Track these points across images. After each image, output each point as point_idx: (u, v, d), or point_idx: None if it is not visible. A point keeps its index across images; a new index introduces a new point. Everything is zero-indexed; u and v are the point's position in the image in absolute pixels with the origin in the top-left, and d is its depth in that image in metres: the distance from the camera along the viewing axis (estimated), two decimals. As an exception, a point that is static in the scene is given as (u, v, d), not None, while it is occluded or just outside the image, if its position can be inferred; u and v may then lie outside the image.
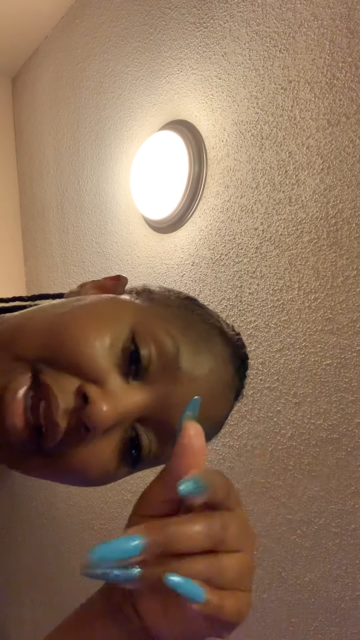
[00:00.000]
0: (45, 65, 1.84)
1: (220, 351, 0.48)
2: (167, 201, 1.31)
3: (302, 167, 1.06)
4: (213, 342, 0.48)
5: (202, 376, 0.45)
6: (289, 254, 1.08)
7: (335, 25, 1.00)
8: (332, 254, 1.01)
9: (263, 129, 1.13)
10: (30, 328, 0.43)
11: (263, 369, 1.12)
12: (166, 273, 1.37)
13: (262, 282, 1.14)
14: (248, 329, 1.15)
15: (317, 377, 1.03)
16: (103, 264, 1.59)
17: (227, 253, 1.21)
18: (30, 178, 1.93)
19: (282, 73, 1.09)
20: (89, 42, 1.64)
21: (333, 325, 1.01)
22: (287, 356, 1.09)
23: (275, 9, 1.10)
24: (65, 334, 0.41)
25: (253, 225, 1.15)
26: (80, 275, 1.68)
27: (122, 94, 1.52)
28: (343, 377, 0.99)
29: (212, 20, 1.24)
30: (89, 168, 1.65)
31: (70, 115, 1.72)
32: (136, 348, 0.42)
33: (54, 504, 1.77)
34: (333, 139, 1.01)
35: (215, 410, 0.47)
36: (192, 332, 0.46)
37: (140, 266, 1.45)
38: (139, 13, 1.45)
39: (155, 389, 0.43)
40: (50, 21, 1.77)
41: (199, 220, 1.28)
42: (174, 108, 1.35)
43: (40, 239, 1.88)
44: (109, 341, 0.42)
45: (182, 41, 1.32)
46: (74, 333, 0.41)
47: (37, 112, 1.89)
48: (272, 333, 1.11)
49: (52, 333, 0.42)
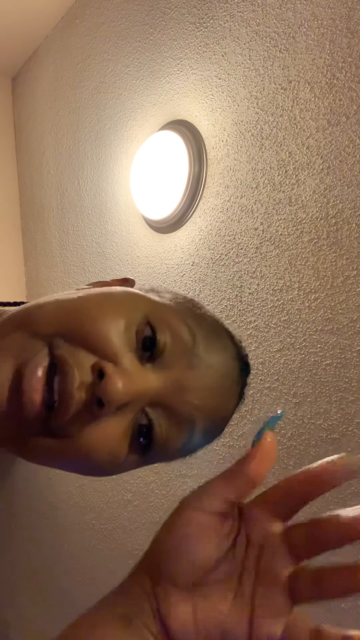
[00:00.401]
0: (45, 65, 1.84)
1: (230, 348, 0.48)
2: (167, 201, 1.31)
3: (302, 167, 1.06)
4: (223, 338, 0.49)
5: (216, 366, 0.45)
6: (289, 254, 1.08)
7: (335, 25, 1.00)
8: (332, 254, 1.01)
9: (263, 129, 1.13)
10: (45, 308, 0.43)
11: (263, 369, 1.12)
12: (166, 273, 1.37)
13: (262, 282, 1.14)
14: (248, 329, 1.15)
15: (317, 377, 1.03)
16: (103, 264, 1.59)
17: (227, 253, 1.21)
18: (30, 178, 1.93)
19: (282, 73, 1.09)
20: (89, 42, 1.64)
21: (333, 325, 1.01)
22: (287, 356, 1.09)
23: (275, 9, 1.10)
24: (83, 313, 0.42)
25: (253, 225, 1.15)
26: (80, 275, 1.68)
27: (122, 94, 1.52)
28: (343, 377, 0.99)
29: (212, 20, 1.24)
30: (89, 168, 1.65)
31: (70, 115, 1.72)
32: (153, 332, 0.43)
33: (54, 504, 1.77)
34: (333, 139, 1.01)
35: (224, 403, 0.47)
36: (205, 324, 0.47)
37: (140, 266, 1.45)
38: (139, 13, 1.45)
39: (171, 373, 0.43)
40: (50, 21, 1.77)
41: (199, 220, 1.28)
42: (174, 108, 1.35)
43: (40, 239, 1.88)
44: (124, 324, 0.42)
45: (182, 41, 1.32)
46: (92, 312, 0.42)
47: (37, 112, 1.89)
48: (272, 333, 1.11)
49: (70, 311, 0.42)
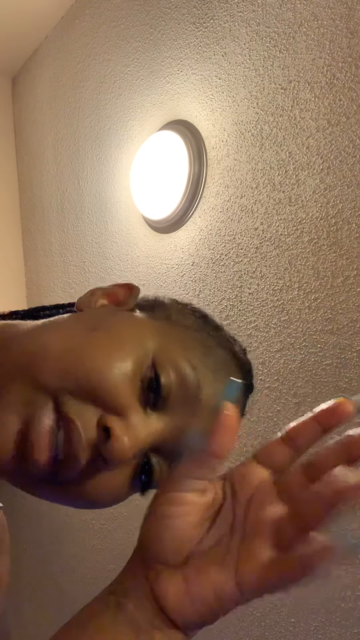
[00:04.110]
0: (45, 65, 1.84)
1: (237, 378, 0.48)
2: (167, 201, 1.31)
3: (302, 167, 1.06)
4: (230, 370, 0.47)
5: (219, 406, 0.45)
6: (289, 254, 1.08)
7: (335, 25, 1.00)
8: (332, 254, 1.01)
9: (263, 129, 1.13)
10: (50, 355, 0.41)
11: (263, 369, 1.12)
12: (166, 273, 1.37)
13: (262, 282, 1.14)
14: (248, 329, 1.15)
15: (317, 377, 1.03)
16: (103, 264, 1.59)
17: (227, 253, 1.21)
18: (30, 178, 1.93)
19: (282, 73, 1.09)
20: (89, 42, 1.64)
21: (333, 325, 1.01)
22: (287, 356, 1.09)
23: (275, 9, 1.10)
24: (89, 365, 0.40)
25: (253, 225, 1.15)
26: (80, 275, 1.68)
27: (122, 94, 1.52)
28: (343, 377, 0.99)
29: (212, 20, 1.24)
30: (89, 168, 1.65)
31: (70, 115, 1.72)
32: (157, 377, 0.42)
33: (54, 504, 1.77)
34: (333, 139, 1.01)
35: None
36: (211, 360, 0.46)
37: (140, 266, 1.45)
38: (139, 13, 1.45)
39: (173, 419, 0.42)
40: (50, 21, 1.77)
41: (199, 220, 1.28)
42: (174, 108, 1.35)
43: (40, 239, 1.88)
44: (132, 370, 0.41)
45: (182, 41, 1.32)
46: (98, 364, 0.40)
47: (37, 112, 1.89)
48: (272, 333, 1.11)
49: (75, 363, 0.41)
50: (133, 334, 0.44)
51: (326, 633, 1.02)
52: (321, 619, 1.03)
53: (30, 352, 0.42)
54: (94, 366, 0.40)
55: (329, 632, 1.02)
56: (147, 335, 0.44)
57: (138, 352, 0.42)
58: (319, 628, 1.03)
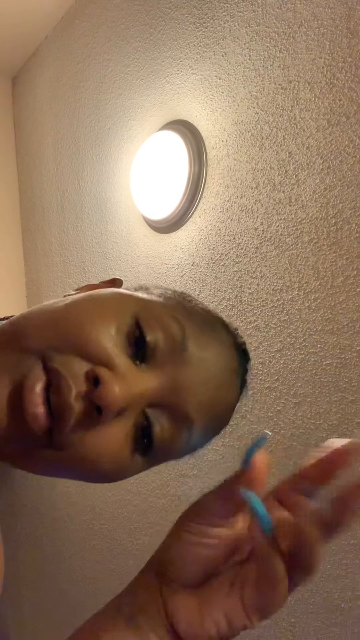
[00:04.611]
0: (45, 65, 1.84)
1: (225, 338, 0.48)
2: (167, 201, 1.31)
3: (302, 167, 1.06)
4: (217, 329, 0.48)
5: (210, 358, 0.45)
6: (289, 254, 1.08)
7: (335, 25, 1.00)
8: (332, 254, 1.01)
9: (263, 129, 1.13)
10: (33, 321, 0.43)
11: (263, 369, 1.12)
12: (166, 273, 1.37)
13: (262, 282, 1.14)
14: (248, 329, 1.15)
15: (317, 377, 1.03)
16: (103, 264, 1.59)
17: (227, 253, 1.21)
18: (30, 178, 1.93)
19: (282, 73, 1.09)
20: (89, 42, 1.64)
21: (333, 325, 1.01)
22: (287, 356, 1.09)
23: (275, 9, 1.10)
24: (72, 320, 0.42)
25: (253, 225, 1.15)
26: (80, 275, 1.68)
27: (122, 94, 1.52)
28: (343, 377, 0.99)
29: (212, 20, 1.24)
30: (89, 168, 1.65)
31: (70, 115, 1.72)
32: (141, 333, 0.42)
33: (55, 504, 1.77)
34: (333, 139, 1.01)
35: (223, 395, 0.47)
36: (196, 317, 0.46)
37: (140, 266, 1.45)
38: (139, 13, 1.45)
39: (165, 372, 0.42)
40: (50, 21, 1.77)
41: (199, 220, 1.28)
42: (174, 108, 1.35)
43: (40, 239, 1.88)
44: (115, 327, 0.42)
45: (182, 41, 1.32)
46: (80, 319, 0.42)
47: (37, 112, 1.89)
48: (272, 333, 1.11)
49: (58, 321, 0.42)
50: (113, 297, 0.45)
51: (326, 633, 1.02)
52: (321, 619, 1.03)
53: (13, 323, 0.44)
54: (76, 321, 0.41)
55: (329, 632, 1.02)
56: (128, 299, 0.45)
57: (119, 312, 0.43)
58: (319, 628, 1.03)
